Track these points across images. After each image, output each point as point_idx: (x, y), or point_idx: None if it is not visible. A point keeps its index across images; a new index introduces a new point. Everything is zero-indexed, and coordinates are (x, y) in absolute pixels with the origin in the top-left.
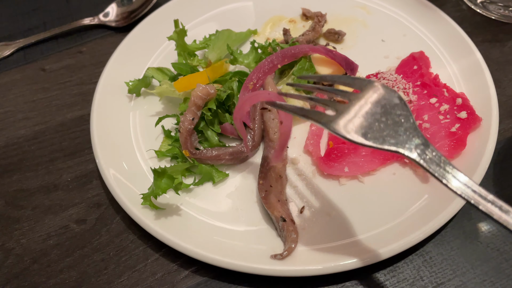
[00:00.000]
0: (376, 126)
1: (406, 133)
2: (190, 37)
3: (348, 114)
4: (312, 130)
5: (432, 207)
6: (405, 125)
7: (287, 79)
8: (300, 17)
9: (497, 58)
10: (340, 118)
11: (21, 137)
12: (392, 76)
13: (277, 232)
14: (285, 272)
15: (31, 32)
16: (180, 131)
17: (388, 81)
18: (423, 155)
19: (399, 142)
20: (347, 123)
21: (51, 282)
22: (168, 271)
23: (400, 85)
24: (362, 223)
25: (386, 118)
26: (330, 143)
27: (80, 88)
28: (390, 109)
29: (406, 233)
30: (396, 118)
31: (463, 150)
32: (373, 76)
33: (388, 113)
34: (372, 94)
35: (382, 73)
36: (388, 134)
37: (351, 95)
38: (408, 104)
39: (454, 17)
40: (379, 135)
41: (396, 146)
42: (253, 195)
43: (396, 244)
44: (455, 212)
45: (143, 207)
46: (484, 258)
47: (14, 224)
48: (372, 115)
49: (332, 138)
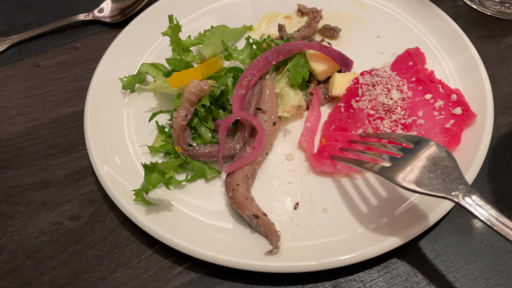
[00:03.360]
0: (427, 175)
1: (453, 182)
2: (184, 33)
3: (403, 166)
4: (307, 126)
5: (426, 204)
6: (453, 175)
7: (281, 76)
8: (295, 13)
9: (493, 54)
10: (396, 169)
11: (15, 133)
12: (386, 73)
13: (251, 229)
14: (279, 268)
15: (25, 28)
16: (173, 127)
17: (382, 78)
18: (468, 200)
19: (447, 189)
20: (403, 173)
21: (44, 279)
22: (162, 267)
23: (394, 82)
24: (356, 219)
25: (436, 169)
26: (322, 140)
27: (75, 84)
28: (439, 162)
29: (400, 229)
30: (445, 170)
31: (457, 146)
32: (366, 73)
33: (437, 165)
34: (424, 149)
35: (376, 70)
36: (437, 183)
37: (405, 149)
38: (403, 101)
39: (450, 13)
40: (429, 183)
41: (444, 193)
42: None
43: (390, 240)
44: (449, 209)
45: (136, 204)
46: (478, 254)
47: (7, 221)
48: (424, 166)
49: (325, 135)
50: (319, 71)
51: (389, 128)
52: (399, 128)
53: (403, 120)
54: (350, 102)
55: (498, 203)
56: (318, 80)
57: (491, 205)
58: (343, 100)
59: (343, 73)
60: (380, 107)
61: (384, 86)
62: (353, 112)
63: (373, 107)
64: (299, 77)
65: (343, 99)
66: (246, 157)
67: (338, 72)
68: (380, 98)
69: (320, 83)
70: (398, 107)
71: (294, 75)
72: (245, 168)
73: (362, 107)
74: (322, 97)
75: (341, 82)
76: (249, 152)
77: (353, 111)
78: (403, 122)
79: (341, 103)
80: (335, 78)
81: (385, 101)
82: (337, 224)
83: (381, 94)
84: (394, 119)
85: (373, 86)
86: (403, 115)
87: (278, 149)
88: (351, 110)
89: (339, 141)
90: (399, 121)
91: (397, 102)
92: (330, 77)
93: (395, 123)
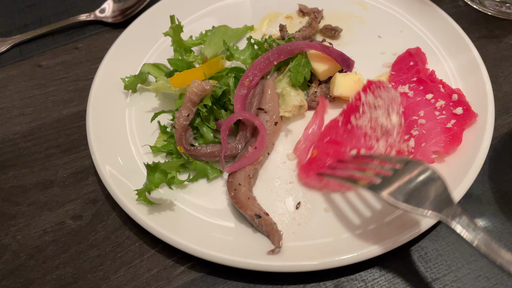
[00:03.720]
0: (416, 193)
1: (443, 202)
2: (186, 33)
3: (392, 183)
4: (307, 133)
5: None
6: (443, 195)
7: (283, 76)
8: (296, 13)
9: (494, 54)
10: (386, 186)
11: (17, 133)
12: (389, 93)
13: (253, 228)
14: (281, 268)
15: (27, 28)
16: (175, 127)
17: (384, 100)
18: (456, 219)
19: (437, 208)
20: (392, 190)
21: (47, 278)
22: (164, 267)
23: (395, 106)
24: (358, 218)
25: (426, 188)
26: (314, 151)
27: (76, 84)
28: (427, 181)
29: (402, 228)
30: (435, 189)
31: (458, 146)
32: (369, 91)
33: (427, 184)
34: (414, 168)
35: (379, 90)
36: (428, 202)
37: (395, 170)
38: (400, 127)
39: (451, 13)
40: (418, 201)
41: (432, 210)
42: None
43: (392, 239)
44: None
45: (139, 203)
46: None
47: (10, 220)
48: (413, 185)
49: (318, 146)
50: (320, 71)
51: (383, 150)
52: (393, 151)
53: (397, 145)
54: (349, 117)
55: (498, 203)
56: (320, 80)
57: (480, 229)
58: (343, 114)
59: (344, 73)
60: (379, 128)
61: (385, 109)
62: (350, 128)
63: (372, 127)
64: (301, 77)
65: (342, 113)
66: (248, 157)
67: (340, 72)
68: (380, 120)
69: (322, 83)
70: (395, 131)
71: (295, 75)
72: (247, 168)
73: (361, 124)
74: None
75: (342, 82)
76: (251, 152)
77: (350, 127)
78: (398, 148)
79: (340, 116)
80: (336, 78)
81: (384, 124)
82: (339, 224)
83: (381, 116)
84: (390, 142)
85: (375, 108)
86: (398, 141)
87: (279, 149)
88: (349, 126)
89: (330, 155)
90: (394, 144)
91: (395, 127)
92: (332, 77)
93: (389, 146)
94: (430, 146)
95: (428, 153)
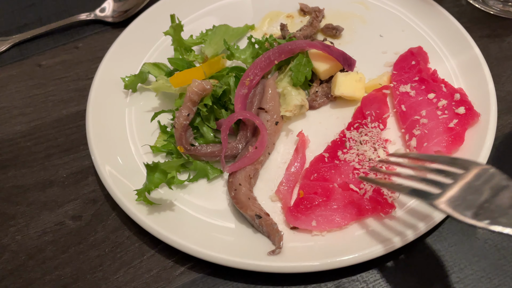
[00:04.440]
0: (486, 206)
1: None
2: (186, 32)
3: (456, 193)
4: (289, 173)
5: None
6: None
7: (284, 75)
8: (298, 12)
9: (496, 54)
10: (448, 197)
11: (17, 133)
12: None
13: (254, 229)
14: (281, 269)
15: (27, 27)
16: (175, 127)
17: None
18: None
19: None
20: (456, 202)
21: (47, 279)
22: (164, 267)
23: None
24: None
25: (496, 199)
26: (300, 192)
27: (76, 83)
28: (499, 190)
29: (404, 228)
30: (506, 200)
31: (461, 145)
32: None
33: (496, 194)
34: (479, 174)
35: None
36: (500, 215)
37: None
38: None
39: (453, 12)
40: (490, 215)
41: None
42: None
43: (393, 240)
44: None
45: (138, 204)
46: (481, 254)
47: (9, 221)
48: (480, 195)
49: (303, 186)
50: (321, 70)
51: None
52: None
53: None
54: (336, 153)
55: None
56: (321, 79)
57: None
58: (328, 151)
59: (345, 73)
60: (367, 163)
61: (371, 145)
62: (337, 163)
63: (360, 161)
64: (302, 77)
65: (327, 150)
66: (248, 156)
67: (341, 71)
68: (368, 154)
69: (323, 83)
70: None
71: (296, 74)
72: (248, 168)
73: (349, 159)
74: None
75: (343, 82)
76: (252, 151)
77: (338, 162)
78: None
79: (326, 153)
80: (337, 78)
81: (372, 157)
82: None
83: (369, 150)
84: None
85: (361, 143)
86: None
87: (280, 149)
88: (336, 161)
89: (318, 194)
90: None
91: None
92: (333, 76)
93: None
94: (432, 146)
95: (430, 153)
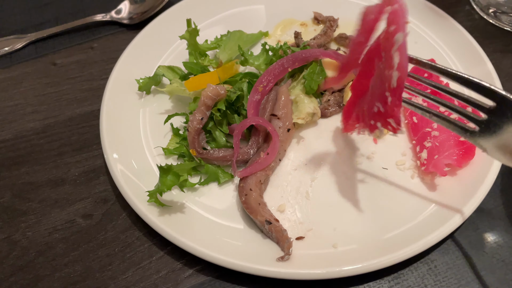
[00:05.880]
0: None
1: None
2: (201, 37)
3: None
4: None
5: (438, 216)
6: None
7: (297, 83)
8: (311, 20)
9: (508, 69)
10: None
11: (30, 130)
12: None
13: (263, 234)
14: (289, 275)
15: (43, 26)
16: (189, 130)
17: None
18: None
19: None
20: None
21: (56, 276)
22: (173, 269)
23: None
24: (368, 229)
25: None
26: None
27: (90, 83)
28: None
29: (412, 240)
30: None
31: (471, 159)
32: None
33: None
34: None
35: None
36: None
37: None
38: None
39: (466, 26)
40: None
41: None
42: None
43: (402, 251)
44: (461, 222)
45: (149, 204)
46: (489, 268)
47: (21, 217)
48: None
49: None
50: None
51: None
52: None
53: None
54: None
55: (510, 218)
56: (333, 89)
57: None
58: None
59: None
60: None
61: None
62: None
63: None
64: (315, 85)
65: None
66: (259, 162)
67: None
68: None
69: (335, 92)
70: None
71: (309, 82)
72: (259, 174)
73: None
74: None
75: None
76: (263, 157)
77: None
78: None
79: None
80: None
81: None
82: (349, 233)
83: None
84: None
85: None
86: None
87: (291, 156)
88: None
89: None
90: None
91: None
92: (345, 86)
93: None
94: (443, 159)
95: (440, 166)
